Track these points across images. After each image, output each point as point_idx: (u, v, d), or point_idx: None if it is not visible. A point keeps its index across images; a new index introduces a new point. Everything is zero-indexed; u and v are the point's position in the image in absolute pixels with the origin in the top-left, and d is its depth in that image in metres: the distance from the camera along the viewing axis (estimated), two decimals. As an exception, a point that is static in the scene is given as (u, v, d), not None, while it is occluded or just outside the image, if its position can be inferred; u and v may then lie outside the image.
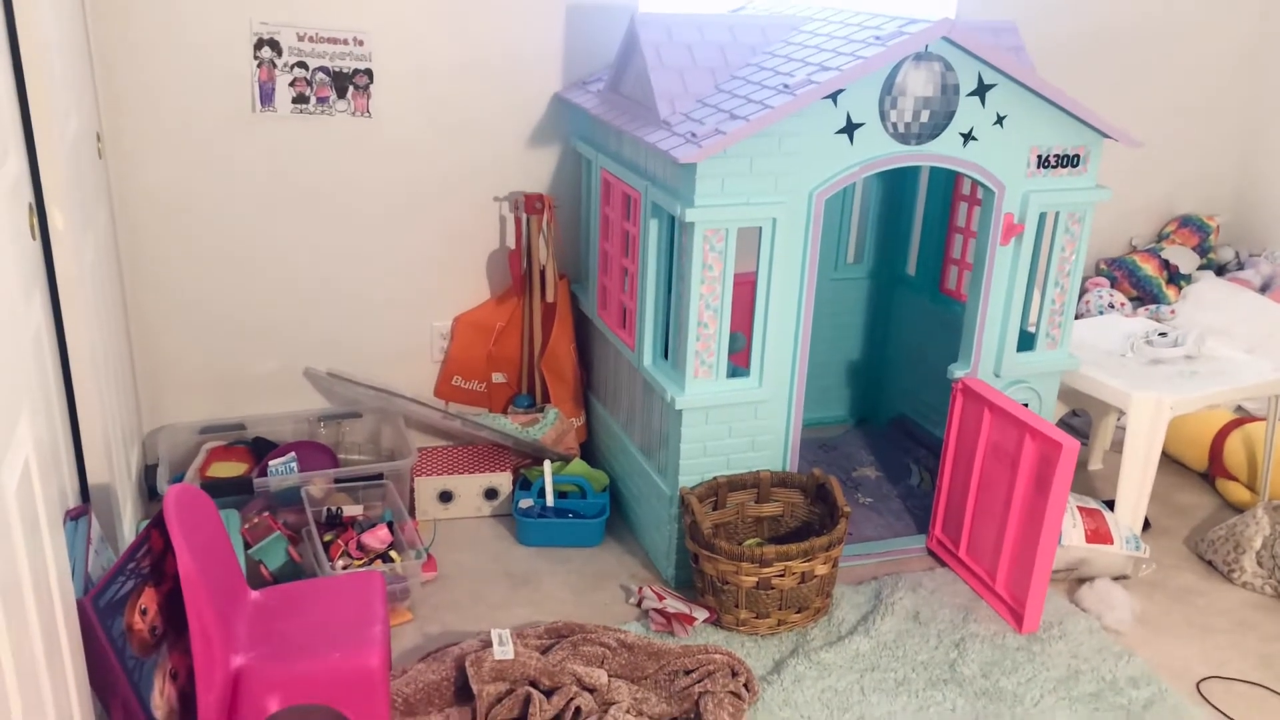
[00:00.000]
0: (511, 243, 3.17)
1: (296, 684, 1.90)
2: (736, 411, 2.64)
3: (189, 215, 2.90)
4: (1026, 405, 2.78)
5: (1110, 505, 2.89)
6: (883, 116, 2.47)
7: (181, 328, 2.99)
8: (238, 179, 2.91)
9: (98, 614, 1.69)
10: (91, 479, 2.17)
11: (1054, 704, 2.33)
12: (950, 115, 2.51)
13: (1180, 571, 2.89)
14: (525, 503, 2.95)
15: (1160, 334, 3.07)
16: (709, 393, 2.58)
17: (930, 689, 2.37)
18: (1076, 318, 3.39)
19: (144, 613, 1.83)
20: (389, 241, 3.10)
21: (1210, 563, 2.91)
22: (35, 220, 1.92)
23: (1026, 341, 2.83)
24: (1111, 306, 3.79)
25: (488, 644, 2.25)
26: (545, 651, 2.32)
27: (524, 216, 3.10)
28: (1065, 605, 2.67)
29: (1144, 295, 3.94)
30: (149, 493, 2.87)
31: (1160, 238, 4.16)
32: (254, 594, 2.10)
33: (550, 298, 3.15)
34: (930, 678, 2.41)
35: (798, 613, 2.55)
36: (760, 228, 2.48)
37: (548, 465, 3.00)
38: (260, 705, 1.87)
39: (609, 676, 2.26)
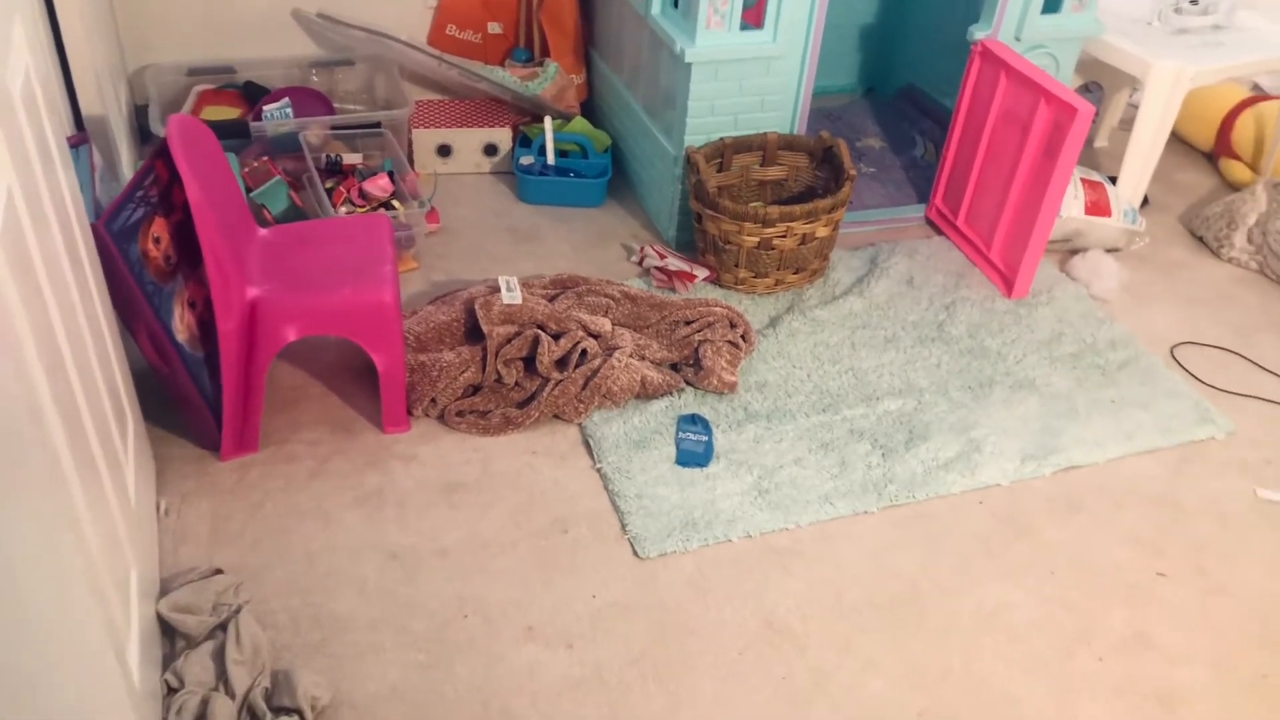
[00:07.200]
0: (510, -127, 2.91)
1: (313, 315, 1.95)
2: (748, 67, 2.54)
3: None
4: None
5: (1113, 181, 2.89)
6: None
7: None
8: None
9: (112, 237, 1.69)
10: (85, 110, 2.10)
11: (1035, 363, 2.44)
12: None
13: (1171, 246, 2.94)
14: (526, 160, 2.91)
15: (1191, 1, 2.92)
16: (721, 45, 2.47)
17: (918, 346, 2.47)
18: (1106, -17, 3.21)
19: (157, 241, 1.84)
20: None
21: (1201, 239, 2.95)
22: None
23: (1052, 4, 2.70)
24: (1142, -25, 3.58)
25: (496, 289, 2.30)
26: (551, 300, 2.38)
27: None
28: (1055, 274, 2.74)
29: (1178, -36, 3.71)
30: (141, 135, 2.80)
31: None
32: (263, 231, 2.11)
33: (552, -61, 2.93)
34: (918, 336, 2.51)
35: (795, 273, 2.61)
36: None
37: (548, 122, 2.93)
38: (278, 334, 1.93)
39: (613, 325, 2.34)
